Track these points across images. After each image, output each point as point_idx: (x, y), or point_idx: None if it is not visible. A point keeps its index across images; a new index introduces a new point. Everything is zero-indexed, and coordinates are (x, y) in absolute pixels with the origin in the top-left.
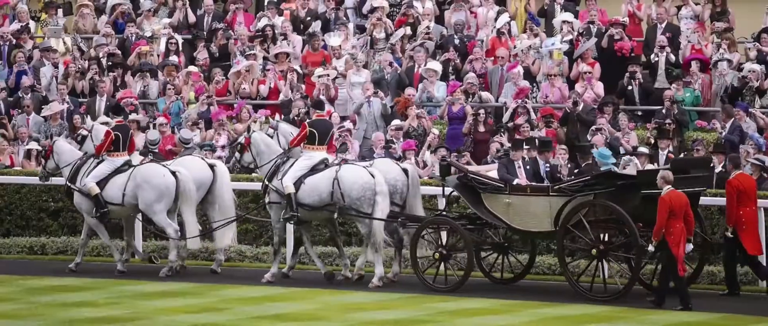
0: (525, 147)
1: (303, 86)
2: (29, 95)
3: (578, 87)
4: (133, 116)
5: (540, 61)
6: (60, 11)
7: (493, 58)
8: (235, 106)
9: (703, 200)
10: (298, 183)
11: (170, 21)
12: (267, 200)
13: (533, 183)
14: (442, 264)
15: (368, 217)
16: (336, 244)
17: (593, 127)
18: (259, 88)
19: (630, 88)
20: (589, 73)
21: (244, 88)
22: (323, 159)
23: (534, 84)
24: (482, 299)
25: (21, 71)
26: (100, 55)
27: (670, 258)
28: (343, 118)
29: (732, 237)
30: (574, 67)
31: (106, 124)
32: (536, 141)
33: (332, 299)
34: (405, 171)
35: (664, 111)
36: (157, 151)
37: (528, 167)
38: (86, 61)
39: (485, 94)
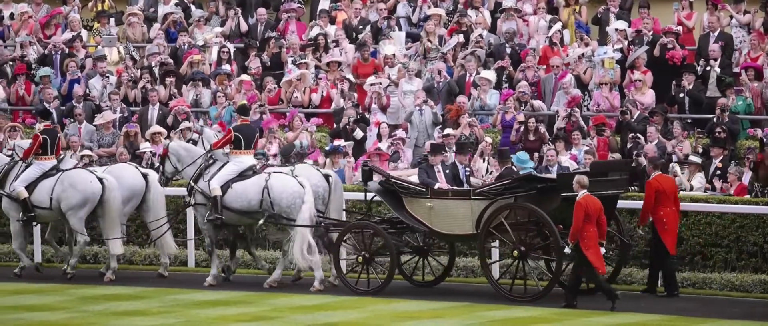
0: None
1: (355, 95)
2: (81, 104)
3: (629, 95)
4: (184, 124)
5: (592, 70)
6: (112, 20)
7: (545, 67)
8: (286, 114)
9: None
10: (225, 187)
11: (222, 30)
12: (192, 202)
13: (454, 187)
14: (366, 267)
15: (294, 225)
16: (232, 249)
17: (630, 135)
18: (311, 97)
19: (681, 96)
20: (640, 81)
21: (296, 97)
22: (252, 165)
23: (586, 92)
24: (534, 308)
25: (73, 80)
26: (152, 64)
27: (583, 260)
28: (394, 127)
29: (650, 236)
30: (626, 75)
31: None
32: (454, 145)
33: (384, 308)
34: (327, 177)
35: (715, 119)
36: None
37: (447, 171)
38: (138, 70)
39: (537, 103)
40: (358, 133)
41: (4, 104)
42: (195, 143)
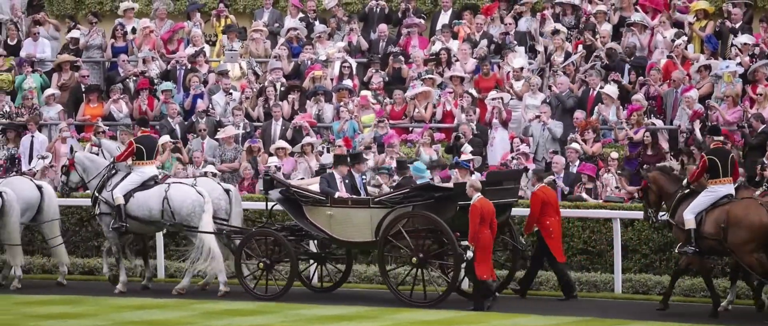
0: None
1: (476, 109)
2: (204, 119)
3: (752, 110)
4: (306, 139)
5: (715, 84)
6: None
7: (668, 81)
8: (411, 129)
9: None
10: (127, 196)
11: (344, 45)
12: (97, 211)
13: (354, 196)
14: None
15: (195, 231)
16: (143, 257)
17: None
18: (434, 112)
19: None
20: (761, 95)
21: (418, 112)
22: (153, 175)
23: (709, 107)
24: (636, 322)
25: (196, 95)
26: (274, 79)
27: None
28: (520, 140)
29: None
30: (749, 89)
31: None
32: (348, 156)
33: (503, 323)
34: (227, 191)
35: None
36: None
37: (347, 181)
38: (261, 85)
39: (657, 121)
40: (467, 147)
41: (126, 119)
42: (96, 155)
